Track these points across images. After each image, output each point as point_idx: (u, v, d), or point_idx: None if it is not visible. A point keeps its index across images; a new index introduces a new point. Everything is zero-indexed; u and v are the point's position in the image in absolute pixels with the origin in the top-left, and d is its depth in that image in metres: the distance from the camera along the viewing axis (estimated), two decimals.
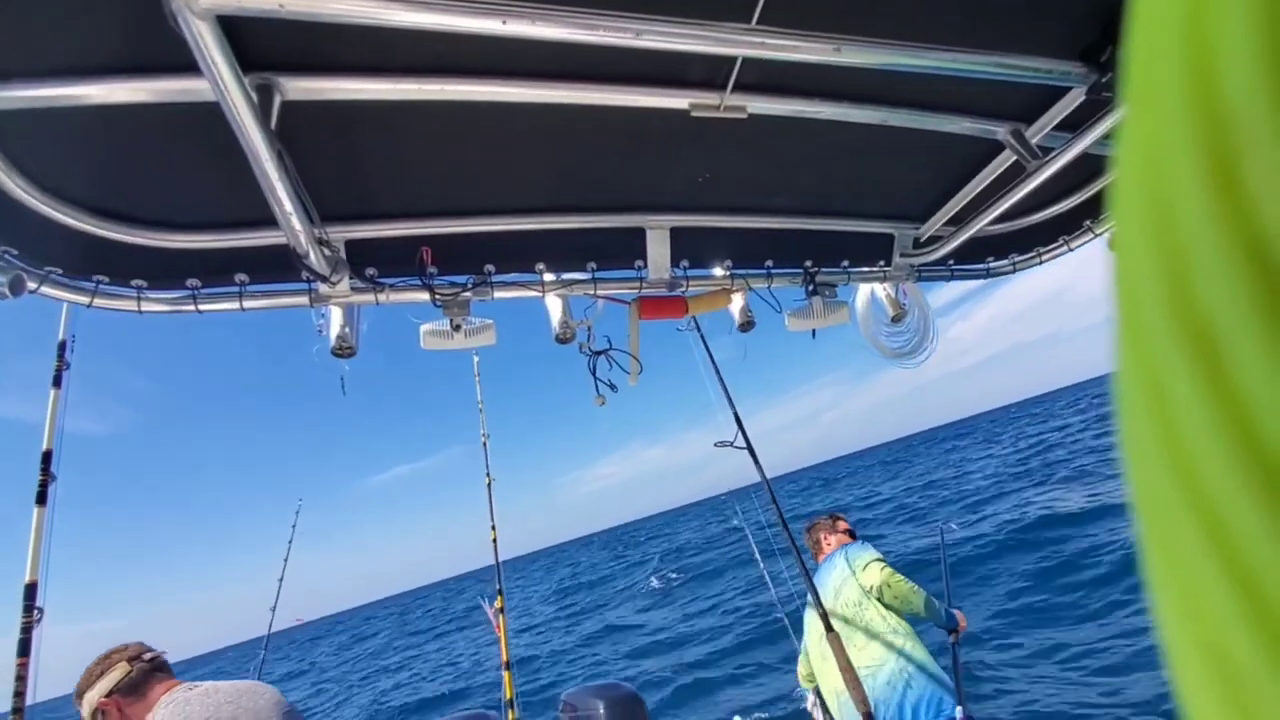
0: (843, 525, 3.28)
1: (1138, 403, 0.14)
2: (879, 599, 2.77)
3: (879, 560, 2.87)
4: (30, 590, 2.20)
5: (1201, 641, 0.13)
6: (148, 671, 1.79)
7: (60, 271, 1.39)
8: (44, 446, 2.35)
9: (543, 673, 10.70)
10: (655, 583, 17.41)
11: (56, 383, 2.45)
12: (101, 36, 1.04)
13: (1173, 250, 0.13)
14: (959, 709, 2.50)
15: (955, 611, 2.91)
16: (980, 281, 2.33)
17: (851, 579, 2.86)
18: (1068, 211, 2.15)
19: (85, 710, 1.73)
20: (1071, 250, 2.22)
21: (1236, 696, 0.12)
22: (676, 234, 1.85)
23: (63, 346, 2.46)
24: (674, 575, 17.61)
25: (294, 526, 4.02)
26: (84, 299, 1.42)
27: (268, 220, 1.32)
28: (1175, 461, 0.13)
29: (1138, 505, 0.15)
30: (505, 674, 2.86)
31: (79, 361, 2.52)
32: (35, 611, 2.19)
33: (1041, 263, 2.27)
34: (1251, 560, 0.12)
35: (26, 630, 2.16)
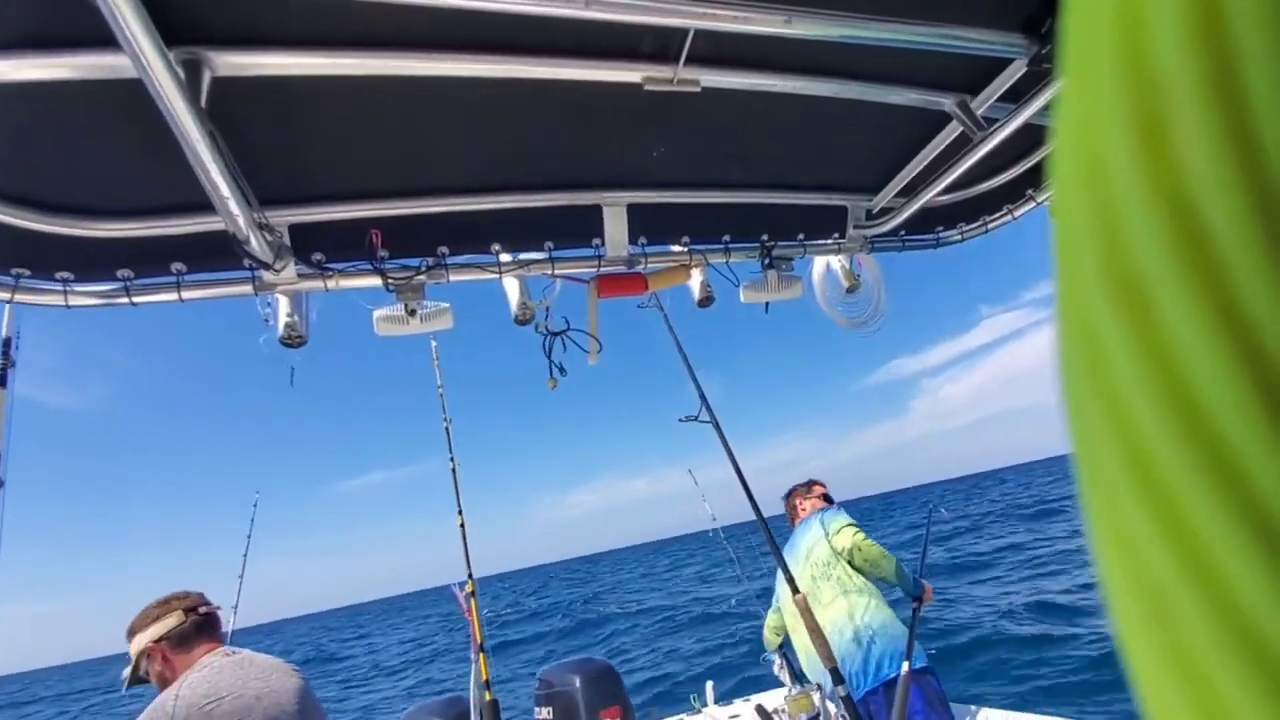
0: (819, 490, 3.36)
1: (1074, 357, 0.15)
2: (849, 561, 2.86)
3: (852, 525, 2.97)
4: None
5: (1134, 576, 0.14)
6: (199, 625, 1.85)
7: None
8: None
9: None
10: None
11: (1, 382, 2.30)
12: (6, 6, 0.96)
13: (1106, 210, 0.14)
14: (916, 662, 2.63)
15: (923, 581, 3.00)
16: (970, 345, 2.40)
17: (824, 541, 2.96)
18: (1012, 181, 2.22)
19: (133, 649, 1.81)
20: (1015, 219, 2.30)
21: (1172, 637, 0.13)
22: (633, 210, 1.84)
23: (7, 344, 2.30)
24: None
25: (252, 520, 3.90)
26: (4, 295, 1.33)
27: (203, 205, 1.26)
28: (1108, 411, 0.14)
29: (1076, 455, 0.16)
30: (480, 656, 2.87)
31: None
32: None
33: (987, 231, 2.35)
34: (1183, 505, 0.13)
35: None
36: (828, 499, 3.32)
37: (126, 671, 1.85)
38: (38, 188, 1.29)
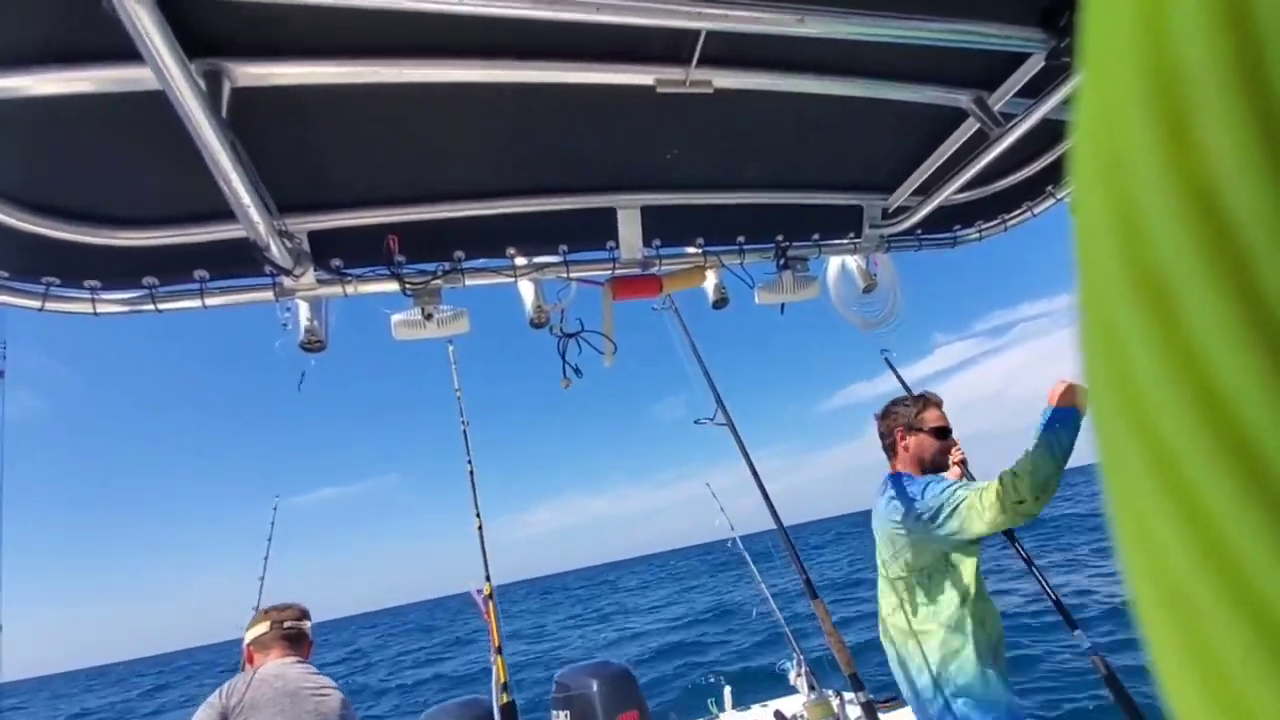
0: (932, 416, 2.26)
1: (1097, 354, 0.15)
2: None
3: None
4: None
5: (1157, 574, 0.14)
6: (277, 638, 2.21)
7: (6, 275, 1.33)
8: None
9: None
10: None
11: None
12: (32, 22, 0.98)
13: (1127, 206, 0.14)
14: None
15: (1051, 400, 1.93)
16: (925, 372, 2.37)
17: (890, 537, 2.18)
18: (1030, 177, 2.18)
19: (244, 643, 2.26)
20: (1035, 215, 2.26)
21: (1196, 637, 0.13)
22: (647, 213, 1.84)
23: None
24: None
25: (272, 524, 3.96)
26: (34, 303, 1.37)
27: (225, 213, 1.28)
28: (1131, 407, 0.14)
29: (1099, 453, 0.15)
30: (498, 659, 2.89)
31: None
32: None
33: (1006, 229, 2.32)
34: (1202, 497, 0.13)
35: None
36: (930, 465, 2.24)
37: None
38: (66, 198, 1.33)
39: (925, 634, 2.06)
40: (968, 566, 2.09)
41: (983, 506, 1.90)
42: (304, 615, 2.31)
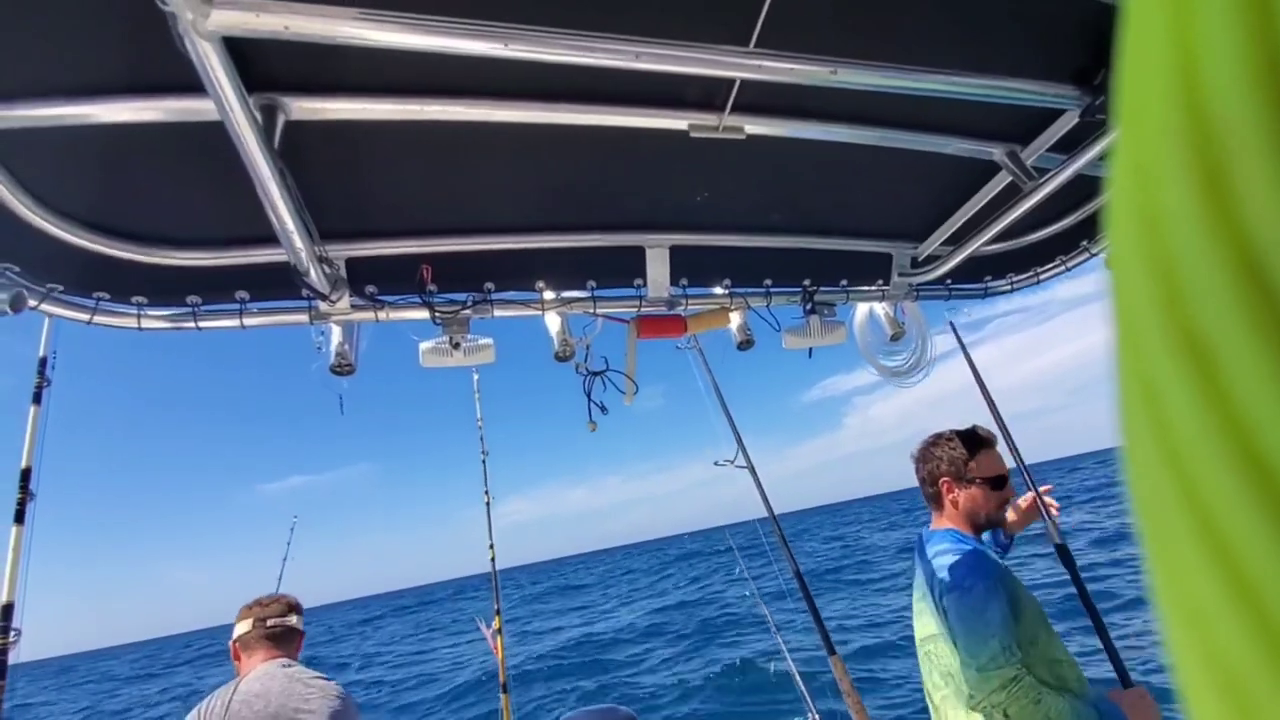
0: (989, 464, 1.91)
1: (1136, 416, 0.14)
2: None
3: (1002, 672, 1.61)
4: (7, 611, 2.15)
5: (1203, 650, 0.13)
6: (261, 637, 2.03)
7: (62, 289, 1.40)
8: (23, 464, 2.31)
9: None
10: None
11: (36, 399, 2.42)
12: (107, 56, 1.05)
13: (1166, 265, 0.13)
14: None
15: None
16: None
17: (948, 648, 1.78)
18: (1064, 231, 2.16)
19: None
20: (1068, 270, 2.23)
21: (1240, 705, 0.12)
22: (676, 252, 1.86)
23: (43, 363, 2.43)
24: None
25: (288, 544, 3.98)
26: (84, 316, 1.43)
27: (269, 238, 1.33)
28: (1174, 473, 0.13)
29: (1140, 518, 0.15)
30: (503, 696, 2.81)
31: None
32: (12, 633, 2.15)
33: (1039, 282, 2.29)
34: (1251, 569, 0.12)
35: (2, 652, 2.12)
36: (981, 524, 1.91)
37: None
38: (122, 218, 1.40)
39: None
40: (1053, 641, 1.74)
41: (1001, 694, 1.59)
42: (291, 609, 2.12)
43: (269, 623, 2.05)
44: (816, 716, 3.16)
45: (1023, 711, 1.57)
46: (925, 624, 1.88)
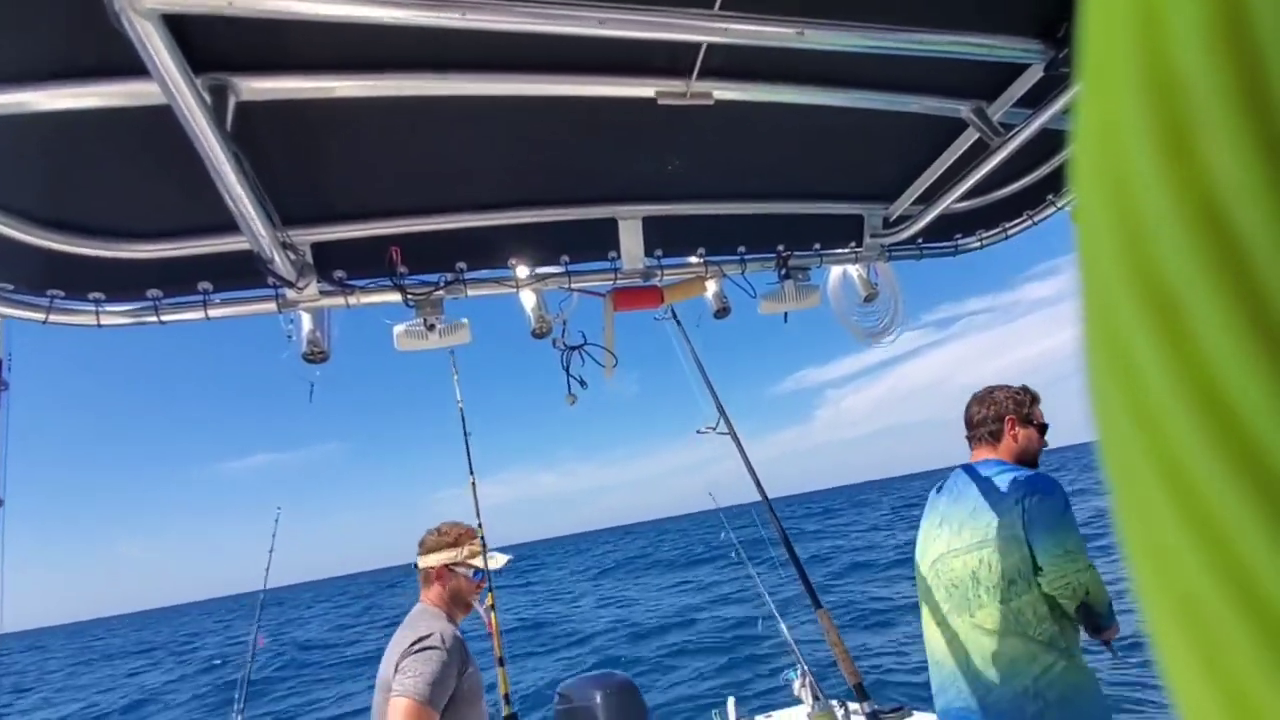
0: (1039, 417, 2.07)
1: (1104, 369, 0.15)
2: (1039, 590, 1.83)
3: (1072, 555, 1.79)
4: None
5: (1172, 593, 0.14)
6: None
7: (11, 288, 1.34)
8: None
9: None
10: None
11: None
12: (41, 40, 0.99)
13: (1131, 218, 0.14)
14: None
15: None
16: (871, 361, 2.37)
17: (1016, 549, 1.84)
18: (1030, 186, 2.19)
19: (433, 563, 2.01)
20: (1035, 224, 2.27)
21: (1208, 646, 0.13)
22: (649, 223, 1.84)
23: None
24: None
25: (274, 536, 3.95)
26: (39, 316, 1.37)
27: (229, 226, 1.29)
28: (1142, 423, 0.14)
29: (1108, 470, 0.15)
30: (500, 670, 2.86)
31: None
32: None
33: (1007, 237, 2.32)
34: (1217, 514, 0.12)
35: None
36: (1029, 462, 2.05)
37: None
38: (71, 212, 1.34)
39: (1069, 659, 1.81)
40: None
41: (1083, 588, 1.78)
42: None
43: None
44: (805, 667, 3.27)
45: (1098, 592, 1.80)
46: (963, 537, 1.96)
